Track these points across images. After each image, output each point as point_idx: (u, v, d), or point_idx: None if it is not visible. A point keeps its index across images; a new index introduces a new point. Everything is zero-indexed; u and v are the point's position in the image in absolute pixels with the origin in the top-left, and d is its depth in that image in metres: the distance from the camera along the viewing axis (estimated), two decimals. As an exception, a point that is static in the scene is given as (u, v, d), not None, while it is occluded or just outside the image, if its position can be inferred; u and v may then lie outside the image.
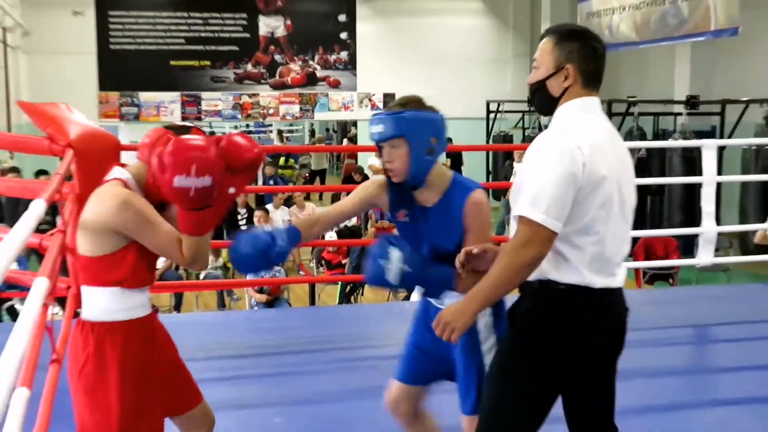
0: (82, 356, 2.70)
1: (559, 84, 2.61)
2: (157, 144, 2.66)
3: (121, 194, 2.65)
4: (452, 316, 2.54)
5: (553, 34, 2.63)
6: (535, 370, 2.60)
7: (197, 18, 18.41)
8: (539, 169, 2.50)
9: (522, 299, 2.64)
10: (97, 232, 2.65)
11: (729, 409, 4.42)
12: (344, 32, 19.11)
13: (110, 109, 18.12)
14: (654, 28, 13.08)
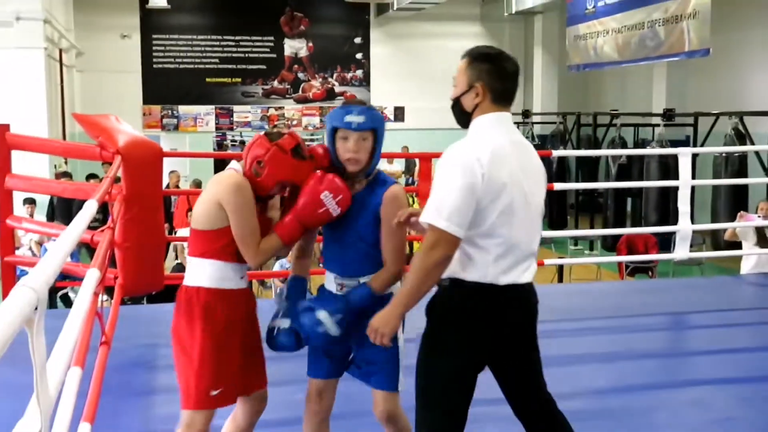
0: (181, 316, 2.79)
1: (471, 100, 2.57)
2: (252, 147, 2.80)
3: (237, 179, 2.77)
4: (380, 323, 2.56)
5: (468, 55, 2.59)
6: (453, 357, 2.57)
7: (230, 40, 18.43)
8: (444, 179, 2.47)
9: (435, 296, 2.61)
10: (209, 208, 2.75)
11: (702, 389, 4.36)
12: (359, 53, 19.10)
13: (153, 120, 18.15)
14: (634, 49, 13.02)
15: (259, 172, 2.79)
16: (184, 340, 2.80)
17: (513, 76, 2.61)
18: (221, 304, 2.81)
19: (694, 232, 10.06)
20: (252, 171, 2.80)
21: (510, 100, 2.62)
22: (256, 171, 2.79)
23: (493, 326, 2.56)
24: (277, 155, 2.78)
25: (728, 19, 13.40)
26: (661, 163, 11.44)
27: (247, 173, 2.81)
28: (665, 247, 9.90)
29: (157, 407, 4.22)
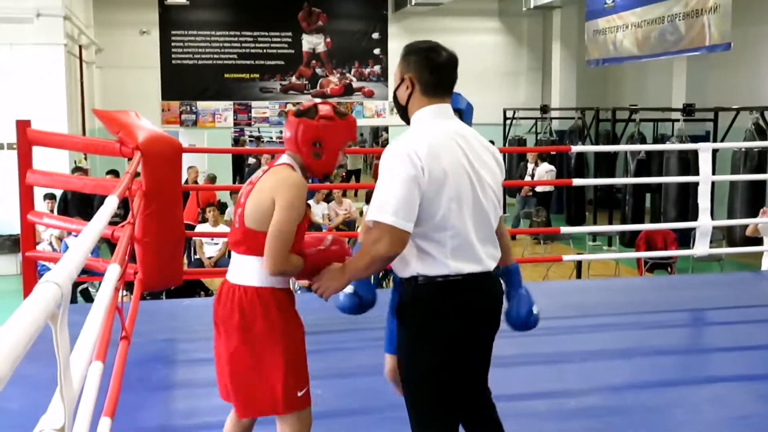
0: (255, 318, 2.69)
1: (403, 93, 2.61)
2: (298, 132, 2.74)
3: (297, 178, 2.70)
4: (329, 280, 2.68)
5: (403, 50, 2.66)
6: (434, 355, 2.56)
7: (248, 36, 18.47)
8: (385, 175, 2.47)
9: (403, 295, 2.59)
10: (270, 207, 2.65)
11: (721, 385, 4.35)
12: (377, 48, 19.09)
13: (171, 116, 18.23)
14: (654, 44, 12.94)
15: (319, 153, 2.76)
16: (260, 344, 2.71)
17: (444, 66, 2.61)
18: (292, 304, 2.80)
19: (714, 228, 10.05)
20: (312, 155, 2.76)
21: (445, 90, 2.62)
22: (316, 154, 2.76)
23: (462, 318, 2.56)
24: (330, 127, 2.76)
25: (749, 13, 13.29)
26: (681, 158, 11.39)
27: (307, 161, 2.76)
28: (684, 243, 9.86)
29: (177, 402, 4.26)
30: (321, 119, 2.74)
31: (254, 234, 2.69)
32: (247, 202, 2.72)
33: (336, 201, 13.15)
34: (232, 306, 2.71)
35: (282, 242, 2.64)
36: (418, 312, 2.57)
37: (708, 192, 6.56)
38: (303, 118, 2.76)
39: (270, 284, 2.72)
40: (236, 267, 2.78)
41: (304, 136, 2.74)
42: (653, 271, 10.01)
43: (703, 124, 13.27)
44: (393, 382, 2.77)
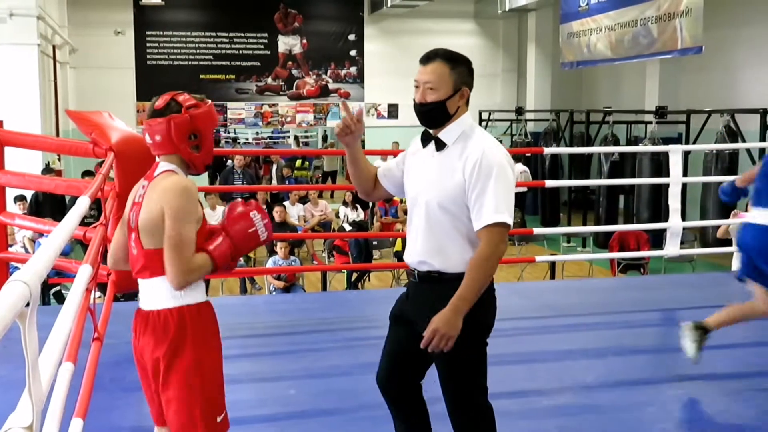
0: (165, 342, 2.52)
1: (455, 103, 2.69)
2: (169, 130, 2.54)
3: (183, 181, 2.53)
4: (445, 326, 2.56)
5: (450, 61, 2.68)
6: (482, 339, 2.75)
7: (224, 37, 18.41)
8: (493, 180, 2.59)
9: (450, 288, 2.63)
10: (158, 222, 2.48)
11: (691, 384, 4.40)
12: (354, 50, 19.09)
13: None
14: (627, 47, 13.05)
15: (198, 145, 2.61)
16: (175, 368, 2.52)
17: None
18: (208, 320, 2.60)
19: (685, 229, 10.13)
20: (191, 149, 2.59)
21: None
22: (195, 147, 2.60)
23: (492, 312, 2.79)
24: (200, 115, 2.59)
25: (720, 17, 13.44)
26: (653, 160, 11.50)
27: (188, 158, 2.60)
28: (657, 243, 9.94)
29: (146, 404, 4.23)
30: (188, 109, 2.57)
31: (154, 253, 2.51)
32: (139, 222, 2.54)
33: (312, 202, 13.14)
34: (147, 334, 2.54)
35: (180, 252, 2.45)
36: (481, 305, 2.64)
37: (678, 193, 6.63)
38: (170, 115, 2.56)
39: (185, 302, 2.54)
40: (145, 293, 2.59)
41: (178, 132, 2.55)
42: (626, 272, 10.08)
43: (675, 127, 13.39)
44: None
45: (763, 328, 5.63)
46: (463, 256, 2.66)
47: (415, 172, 2.80)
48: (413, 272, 2.78)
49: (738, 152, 10.34)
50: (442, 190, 2.66)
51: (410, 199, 2.82)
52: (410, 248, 2.79)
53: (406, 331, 2.82)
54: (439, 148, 2.71)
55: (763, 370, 4.61)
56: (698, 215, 10.98)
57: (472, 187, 2.61)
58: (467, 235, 2.65)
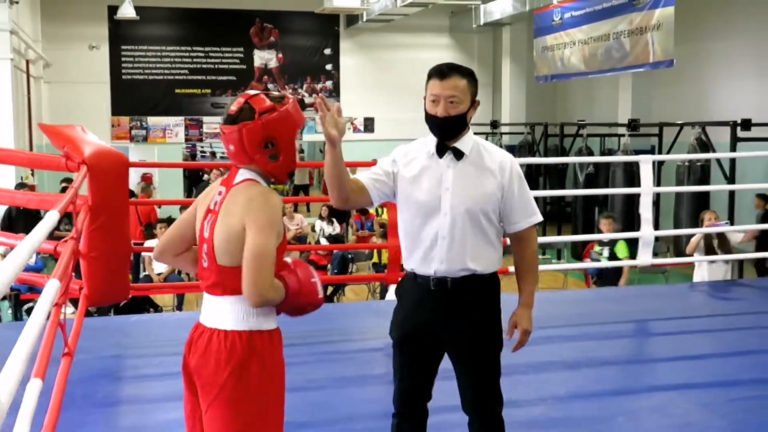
0: (243, 369, 2.35)
1: (471, 115, 2.86)
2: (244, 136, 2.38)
3: (267, 191, 2.40)
4: (527, 324, 2.95)
5: (466, 75, 2.83)
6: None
7: (199, 51, 18.38)
8: (523, 182, 2.87)
9: (479, 287, 2.84)
10: (238, 235, 2.34)
11: (663, 395, 4.42)
12: (329, 64, 19.12)
13: (121, 131, 18.03)
14: (600, 61, 13.17)
15: (276, 154, 2.41)
16: (235, 395, 2.34)
17: None
18: (277, 349, 2.43)
19: (658, 240, 10.20)
20: (269, 159, 2.40)
21: None
22: (272, 156, 2.41)
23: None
24: (276, 119, 2.40)
25: (691, 31, 13.61)
26: (627, 171, 11.58)
27: (266, 168, 2.42)
28: (632, 255, 9.99)
29: (123, 417, 4.20)
30: (261, 115, 2.38)
31: (230, 271, 2.35)
32: (215, 235, 2.38)
33: (287, 216, 13.11)
34: (208, 353, 2.37)
35: (262, 265, 2.28)
36: (497, 303, 2.89)
37: (649, 203, 6.69)
38: (242, 122, 2.38)
39: (257, 326, 2.38)
40: (213, 310, 2.42)
41: (251, 142, 2.37)
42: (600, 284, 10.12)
43: (648, 139, 13.51)
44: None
45: (734, 339, 5.69)
46: (497, 255, 2.87)
47: (429, 181, 2.82)
48: (444, 279, 2.79)
49: (710, 163, 10.45)
50: (480, 196, 2.79)
51: (425, 207, 2.80)
52: (440, 256, 2.78)
53: (430, 345, 2.85)
54: (458, 158, 2.81)
55: (734, 380, 4.63)
56: (671, 226, 11.06)
57: (509, 191, 2.83)
58: (497, 236, 2.85)
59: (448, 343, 2.84)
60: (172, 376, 4.67)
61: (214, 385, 2.35)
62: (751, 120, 9.88)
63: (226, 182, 2.47)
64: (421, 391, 2.91)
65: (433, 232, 2.79)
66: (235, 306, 2.37)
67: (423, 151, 2.88)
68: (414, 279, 2.86)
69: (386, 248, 7.38)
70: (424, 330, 2.84)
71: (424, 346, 2.85)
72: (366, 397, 4.45)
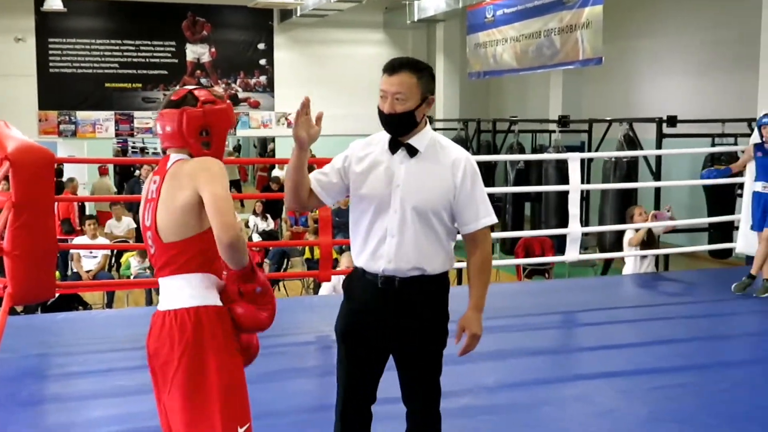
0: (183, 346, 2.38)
1: (422, 111, 2.75)
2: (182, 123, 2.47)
3: (203, 158, 2.46)
4: (476, 328, 2.84)
5: (418, 71, 2.73)
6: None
7: (130, 45, 18.08)
8: (479, 181, 2.80)
9: (429, 289, 2.78)
10: (191, 207, 2.39)
11: (587, 383, 4.56)
12: (263, 59, 19.00)
13: (49, 126, 17.63)
14: (532, 58, 13.37)
15: (208, 142, 2.51)
16: (191, 373, 2.38)
17: None
18: (227, 323, 2.46)
19: (588, 234, 10.43)
20: (201, 146, 2.50)
21: None
22: (205, 143, 2.50)
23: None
24: (215, 112, 2.52)
25: (619, 29, 13.91)
26: (558, 168, 11.79)
27: (197, 154, 2.49)
28: (562, 249, 10.17)
29: (49, 416, 4.16)
30: (204, 104, 2.50)
31: (176, 246, 2.43)
32: (158, 216, 2.45)
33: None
34: (162, 336, 2.42)
35: (228, 205, 2.33)
36: (445, 303, 2.84)
37: (577, 200, 6.85)
38: (185, 107, 2.49)
39: (202, 302, 2.42)
40: (165, 293, 2.48)
41: (190, 126, 2.47)
42: (532, 277, 10.32)
43: (578, 135, 13.77)
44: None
45: (657, 328, 5.87)
46: (447, 256, 2.79)
47: (380, 177, 2.76)
48: (392, 278, 2.73)
49: (637, 160, 10.70)
50: (432, 194, 2.72)
51: (375, 204, 2.75)
52: (389, 254, 2.73)
53: (375, 342, 2.79)
54: (412, 155, 2.75)
55: (655, 368, 4.79)
56: (598, 221, 11.31)
57: (462, 191, 2.74)
58: (447, 236, 2.78)
59: (394, 341, 2.78)
60: (98, 374, 4.65)
61: (170, 365, 2.39)
62: (676, 117, 10.15)
63: (159, 171, 2.52)
64: (365, 390, 2.85)
65: (382, 229, 2.74)
66: (182, 283, 2.43)
67: (379, 146, 2.83)
68: (363, 275, 2.80)
69: (318, 245, 7.41)
70: (369, 327, 2.79)
71: (368, 342, 2.80)
72: (295, 390, 4.49)
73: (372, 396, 2.88)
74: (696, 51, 13.56)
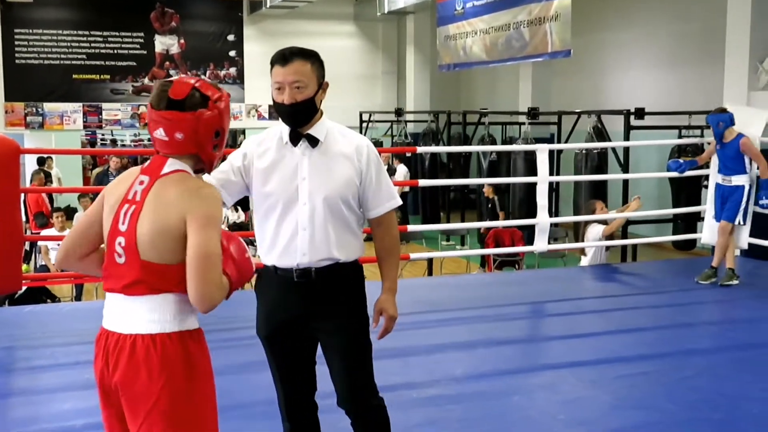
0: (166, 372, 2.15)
1: (320, 98, 2.73)
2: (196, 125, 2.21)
3: (201, 184, 2.22)
4: (392, 311, 2.83)
5: (310, 57, 2.70)
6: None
7: (97, 36, 17.92)
8: (381, 167, 2.82)
9: (344, 276, 2.77)
10: (172, 231, 2.14)
11: (554, 372, 4.60)
12: (233, 50, 18.93)
13: (16, 118, 17.44)
14: (501, 50, 13.41)
15: (218, 144, 2.29)
16: (177, 406, 2.16)
17: None
18: (205, 347, 2.27)
19: (557, 225, 10.49)
20: (213, 149, 2.27)
21: None
22: (215, 146, 2.28)
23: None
24: (226, 109, 2.29)
25: (588, 21, 14.01)
26: (527, 160, 11.83)
27: (209, 159, 2.28)
28: (531, 240, 10.23)
29: (15, 410, 4.12)
30: (215, 103, 2.25)
31: (157, 268, 2.15)
32: (139, 227, 2.16)
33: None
34: (135, 364, 2.15)
35: (210, 266, 2.11)
36: (362, 289, 2.83)
37: (545, 191, 6.90)
38: (199, 110, 2.22)
39: (186, 326, 2.21)
40: (131, 313, 2.18)
41: (207, 131, 2.22)
42: (502, 268, 10.37)
43: (548, 128, 13.86)
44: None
45: (622, 318, 5.94)
46: (358, 242, 2.80)
47: (284, 171, 2.71)
48: (308, 270, 2.69)
49: (607, 152, 10.79)
50: (339, 183, 2.70)
51: (282, 198, 2.69)
52: (303, 248, 2.69)
53: (299, 338, 2.76)
54: (314, 145, 2.71)
55: (621, 357, 4.86)
56: (571, 212, 11.39)
57: (367, 177, 2.75)
58: (357, 223, 2.79)
59: (317, 333, 2.76)
60: (65, 367, 4.62)
61: (148, 397, 2.15)
62: (644, 109, 10.24)
63: (149, 171, 2.24)
64: (304, 388, 2.84)
65: (292, 224, 2.69)
66: (162, 306, 2.17)
67: (275, 140, 2.76)
68: (275, 273, 2.74)
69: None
70: (291, 324, 2.75)
71: (294, 340, 2.77)
72: (265, 382, 4.47)
73: (311, 387, 2.86)
74: (663, 44, 13.71)
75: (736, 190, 6.68)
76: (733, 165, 6.69)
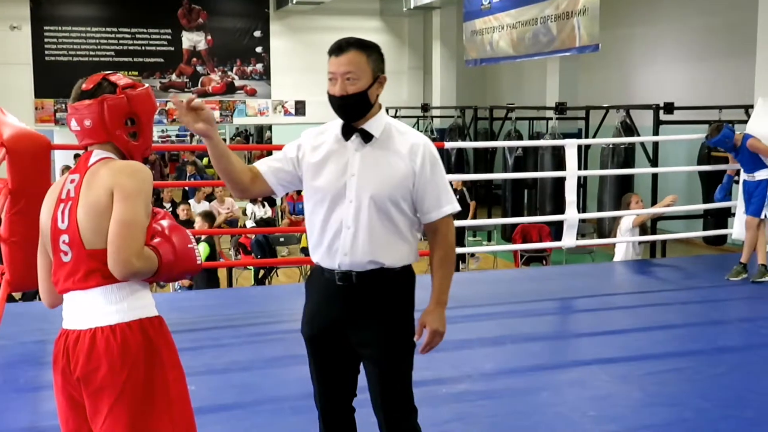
0: (127, 363, 2.14)
1: (375, 92, 2.61)
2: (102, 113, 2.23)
3: (128, 162, 2.23)
4: (439, 326, 2.64)
5: (366, 49, 2.61)
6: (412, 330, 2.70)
7: (125, 33, 18.04)
8: (441, 170, 2.65)
9: (390, 282, 2.62)
10: (105, 211, 2.14)
11: (584, 369, 4.58)
12: (259, 46, 18.96)
13: (45, 114, 17.61)
14: (528, 45, 13.34)
15: (136, 132, 2.29)
16: (142, 398, 2.14)
17: None
18: (168, 334, 2.26)
19: (585, 221, 10.43)
20: (128, 137, 2.27)
21: None
22: (132, 134, 2.28)
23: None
24: (139, 96, 2.29)
25: (616, 15, 13.89)
26: (554, 155, 11.78)
27: (125, 146, 2.27)
28: (559, 236, 10.18)
29: (46, 402, 4.14)
30: (124, 90, 2.26)
31: (103, 253, 2.13)
32: (79, 218, 2.16)
33: (218, 200, 13.01)
34: (96, 357, 2.13)
35: (129, 233, 2.09)
36: (410, 298, 2.66)
37: (574, 186, 6.86)
38: (103, 95, 2.25)
39: (145, 313, 2.20)
40: (85, 307, 2.18)
41: (113, 115, 2.23)
42: (529, 264, 10.33)
43: (575, 122, 13.77)
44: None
45: (652, 314, 5.89)
46: (409, 248, 2.63)
47: (334, 166, 2.61)
48: (349, 274, 2.58)
49: (634, 147, 10.70)
50: (388, 183, 2.56)
51: (330, 194, 2.59)
52: (344, 248, 2.57)
53: (340, 344, 2.65)
54: (367, 141, 2.60)
55: (651, 353, 4.81)
56: (596, 209, 11.31)
57: (421, 178, 2.58)
58: (409, 227, 2.63)
59: (355, 343, 2.62)
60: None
61: (112, 389, 2.12)
62: (673, 103, 10.13)
63: (78, 169, 2.26)
64: (341, 393, 2.73)
65: (338, 221, 2.58)
66: (116, 294, 2.16)
67: (332, 134, 2.67)
68: (321, 273, 2.65)
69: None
70: (331, 328, 2.64)
71: (334, 345, 2.65)
72: (294, 377, 4.49)
73: (350, 392, 2.74)
74: (693, 37, 13.56)
75: (759, 185, 6.64)
76: (752, 163, 6.70)
